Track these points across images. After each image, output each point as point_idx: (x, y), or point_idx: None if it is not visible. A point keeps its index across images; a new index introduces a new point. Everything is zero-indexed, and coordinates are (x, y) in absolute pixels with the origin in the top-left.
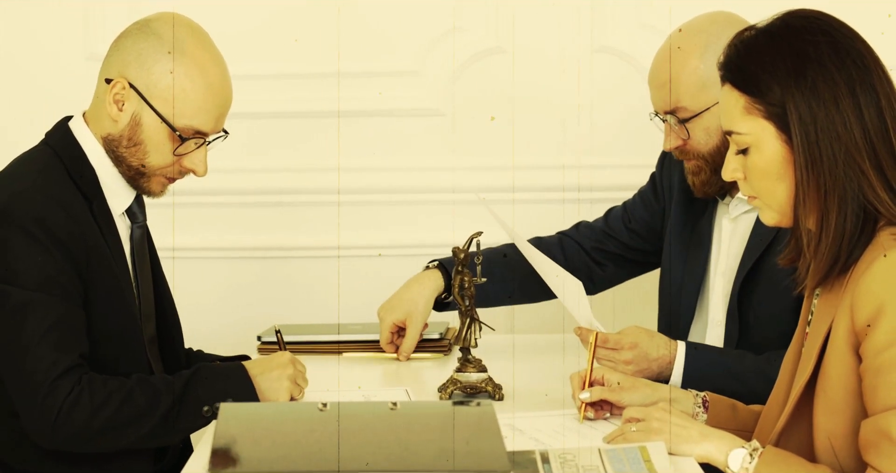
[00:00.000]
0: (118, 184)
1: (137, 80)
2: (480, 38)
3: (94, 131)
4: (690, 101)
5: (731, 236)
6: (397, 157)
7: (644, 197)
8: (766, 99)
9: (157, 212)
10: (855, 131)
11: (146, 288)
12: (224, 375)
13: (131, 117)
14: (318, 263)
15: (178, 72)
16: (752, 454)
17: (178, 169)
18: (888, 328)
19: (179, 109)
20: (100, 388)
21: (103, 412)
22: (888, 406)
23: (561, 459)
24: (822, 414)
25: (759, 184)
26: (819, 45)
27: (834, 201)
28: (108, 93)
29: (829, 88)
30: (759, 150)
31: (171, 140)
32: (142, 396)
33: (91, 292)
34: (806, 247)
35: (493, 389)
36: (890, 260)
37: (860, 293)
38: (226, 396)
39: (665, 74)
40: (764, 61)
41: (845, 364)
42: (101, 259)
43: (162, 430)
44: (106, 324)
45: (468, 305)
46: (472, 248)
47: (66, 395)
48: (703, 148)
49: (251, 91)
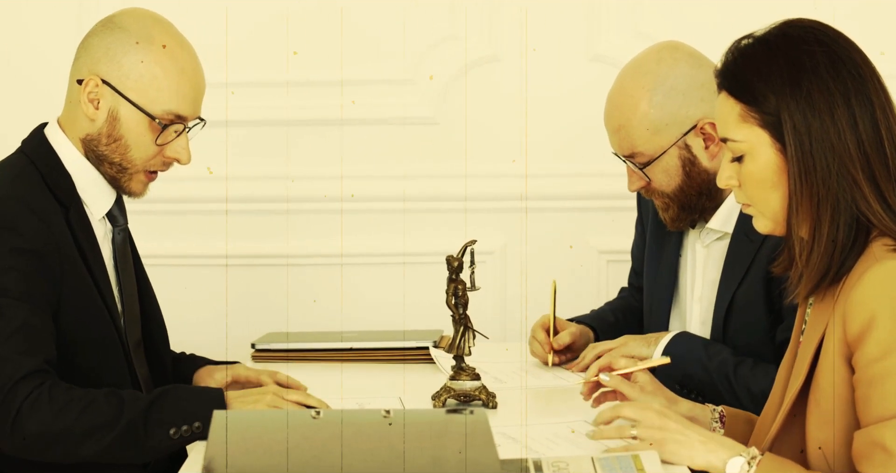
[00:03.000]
0: (97, 188)
1: (109, 75)
2: (474, 46)
3: (71, 135)
4: (645, 146)
5: (705, 263)
6: (394, 165)
7: (636, 229)
8: (761, 108)
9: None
10: (849, 142)
11: (130, 291)
12: (196, 396)
13: (108, 113)
14: (318, 270)
15: (148, 60)
16: (751, 462)
17: (162, 160)
18: (880, 339)
19: (154, 95)
20: (61, 395)
21: (62, 419)
22: (881, 417)
23: (554, 467)
24: (814, 424)
25: (753, 192)
26: (815, 54)
27: (827, 211)
28: (82, 93)
29: (825, 98)
30: (753, 158)
31: (151, 130)
32: (105, 407)
33: (66, 300)
34: (798, 256)
35: (486, 397)
36: (881, 270)
37: (852, 304)
38: (194, 418)
39: (616, 121)
40: (760, 70)
41: (838, 375)
42: (76, 267)
43: (125, 445)
44: (83, 331)
45: (462, 313)
46: (465, 256)
47: (24, 397)
48: (666, 188)
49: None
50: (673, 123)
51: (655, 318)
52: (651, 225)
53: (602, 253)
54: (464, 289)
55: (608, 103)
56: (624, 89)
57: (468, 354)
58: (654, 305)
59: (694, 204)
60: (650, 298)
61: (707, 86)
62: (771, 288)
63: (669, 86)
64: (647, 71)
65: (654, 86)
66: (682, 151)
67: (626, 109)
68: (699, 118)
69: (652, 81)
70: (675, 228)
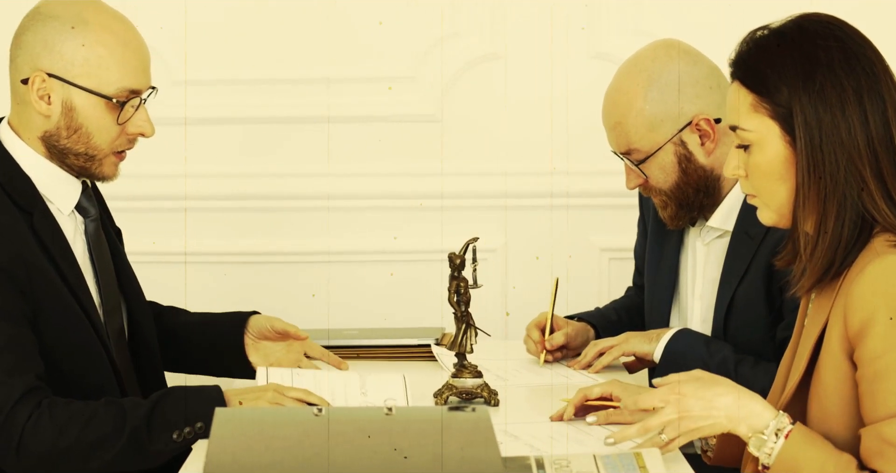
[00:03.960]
0: (60, 183)
1: (53, 67)
2: (475, 43)
3: (27, 136)
4: (641, 143)
5: (705, 261)
6: (389, 162)
7: (639, 229)
8: (773, 99)
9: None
10: (859, 138)
11: (108, 281)
12: (195, 396)
13: (62, 106)
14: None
15: (88, 42)
16: (778, 433)
17: (126, 138)
18: (882, 334)
19: (105, 76)
20: (62, 412)
21: (67, 435)
22: (889, 413)
23: (556, 465)
24: (815, 419)
25: (759, 183)
26: (830, 49)
27: (833, 206)
28: (31, 92)
29: (837, 94)
30: (761, 148)
31: (110, 111)
32: (107, 418)
33: (41, 310)
34: (802, 250)
35: (488, 394)
36: (882, 265)
37: (853, 299)
38: (196, 418)
39: (613, 118)
40: (774, 62)
41: (839, 370)
42: (46, 276)
43: (131, 453)
44: (63, 338)
45: (464, 310)
46: (468, 253)
47: (25, 419)
48: (663, 185)
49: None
50: (668, 119)
51: (656, 316)
52: (652, 224)
53: (604, 251)
54: (466, 287)
55: (605, 101)
56: (619, 86)
57: (470, 351)
58: (655, 303)
59: (692, 201)
60: (651, 296)
61: (703, 82)
62: (771, 286)
63: (664, 82)
64: (642, 68)
65: (649, 82)
66: (678, 147)
67: (622, 105)
68: (695, 114)
69: (647, 78)
70: (674, 226)
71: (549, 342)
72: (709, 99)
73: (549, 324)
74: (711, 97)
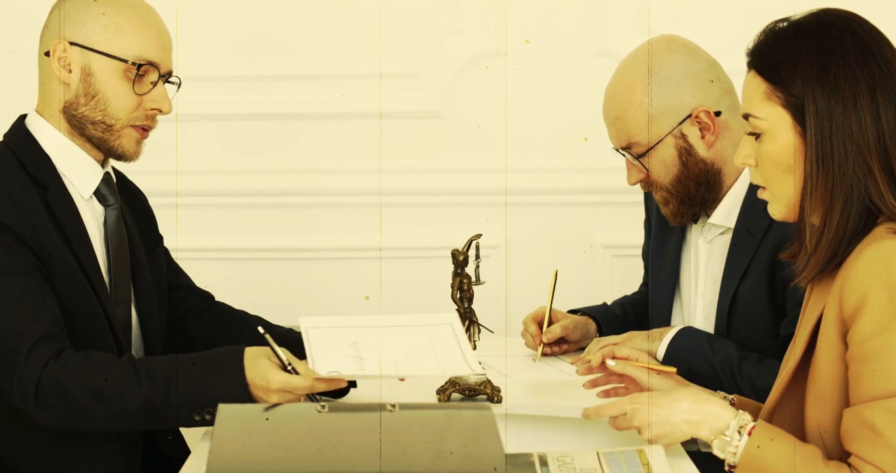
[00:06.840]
0: (82, 165)
1: (74, 35)
2: (479, 41)
3: (49, 115)
4: (641, 136)
5: (707, 258)
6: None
7: (645, 230)
8: (787, 89)
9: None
10: (869, 133)
11: (121, 272)
12: (217, 360)
13: (81, 71)
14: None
15: (109, 12)
16: (741, 430)
17: (144, 113)
18: (875, 317)
19: (123, 42)
20: (81, 360)
21: (87, 384)
22: (872, 396)
23: (559, 462)
24: (812, 403)
25: (769, 173)
26: (846, 43)
27: (839, 199)
28: (53, 62)
29: (850, 87)
30: (772, 137)
31: (126, 78)
32: (130, 370)
33: (50, 275)
34: (808, 241)
35: (491, 391)
36: (879, 249)
37: (849, 281)
38: (219, 373)
39: (613, 111)
40: (790, 52)
41: (834, 353)
42: (55, 243)
43: (156, 408)
44: (69, 307)
45: (467, 307)
46: (471, 250)
47: (43, 365)
48: (664, 180)
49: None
50: (668, 112)
51: (659, 313)
52: (655, 222)
53: (607, 248)
54: (469, 283)
55: (605, 96)
56: (619, 81)
57: (473, 348)
58: (658, 300)
59: (693, 196)
60: (654, 293)
61: (702, 75)
62: (774, 282)
63: (663, 75)
64: (641, 62)
65: (649, 75)
66: (679, 140)
67: (622, 99)
68: (694, 107)
69: (646, 72)
70: (676, 222)
71: (545, 335)
72: (708, 92)
73: (547, 316)
74: (711, 90)
